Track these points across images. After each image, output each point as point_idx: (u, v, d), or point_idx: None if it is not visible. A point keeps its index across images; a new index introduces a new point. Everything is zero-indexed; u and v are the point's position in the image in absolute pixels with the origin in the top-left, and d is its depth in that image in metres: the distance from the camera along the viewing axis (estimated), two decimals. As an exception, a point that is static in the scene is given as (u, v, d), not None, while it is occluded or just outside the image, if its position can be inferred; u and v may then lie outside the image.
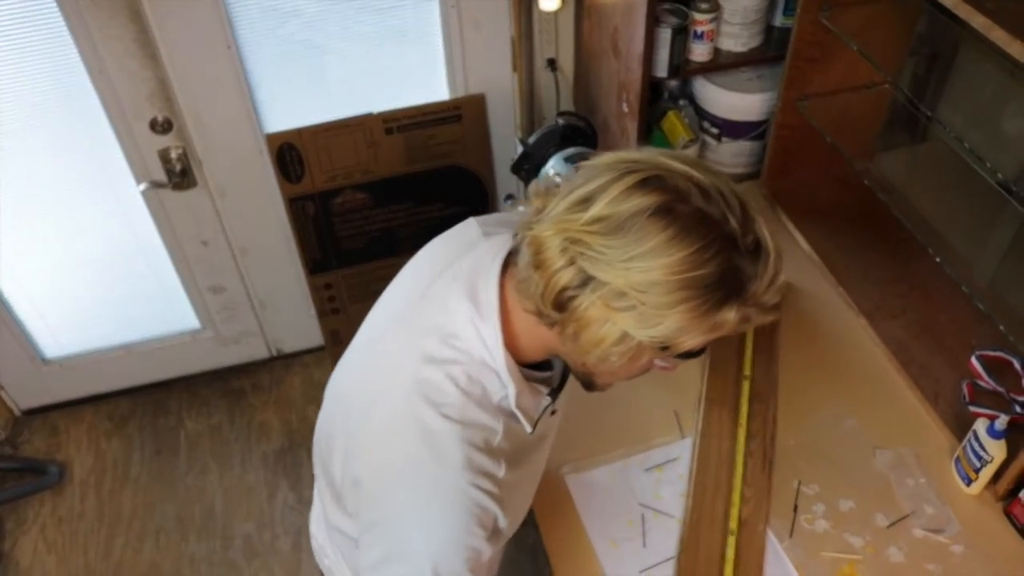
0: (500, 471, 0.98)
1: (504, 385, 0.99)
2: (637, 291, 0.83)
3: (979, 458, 1.43)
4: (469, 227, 1.16)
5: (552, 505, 1.49)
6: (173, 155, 2.27)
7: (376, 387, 1.05)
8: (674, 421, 1.61)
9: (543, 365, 1.06)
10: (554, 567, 1.42)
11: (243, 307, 2.71)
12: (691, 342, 0.88)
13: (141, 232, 2.46)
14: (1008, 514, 1.45)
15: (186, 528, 2.54)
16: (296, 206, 2.33)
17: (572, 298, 0.86)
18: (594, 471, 1.53)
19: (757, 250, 0.87)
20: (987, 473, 1.43)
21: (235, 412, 2.81)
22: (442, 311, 1.01)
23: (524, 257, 0.91)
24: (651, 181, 0.85)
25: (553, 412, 1.12)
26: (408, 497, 0.97)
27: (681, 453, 1.56)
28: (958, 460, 1.49)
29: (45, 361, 2.72)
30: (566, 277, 0.86)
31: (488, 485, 0.96)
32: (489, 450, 0.97)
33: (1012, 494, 1.44)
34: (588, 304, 0.85)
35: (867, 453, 1.55)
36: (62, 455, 2.74)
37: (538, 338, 0.97)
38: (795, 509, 1.47)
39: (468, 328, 0.98)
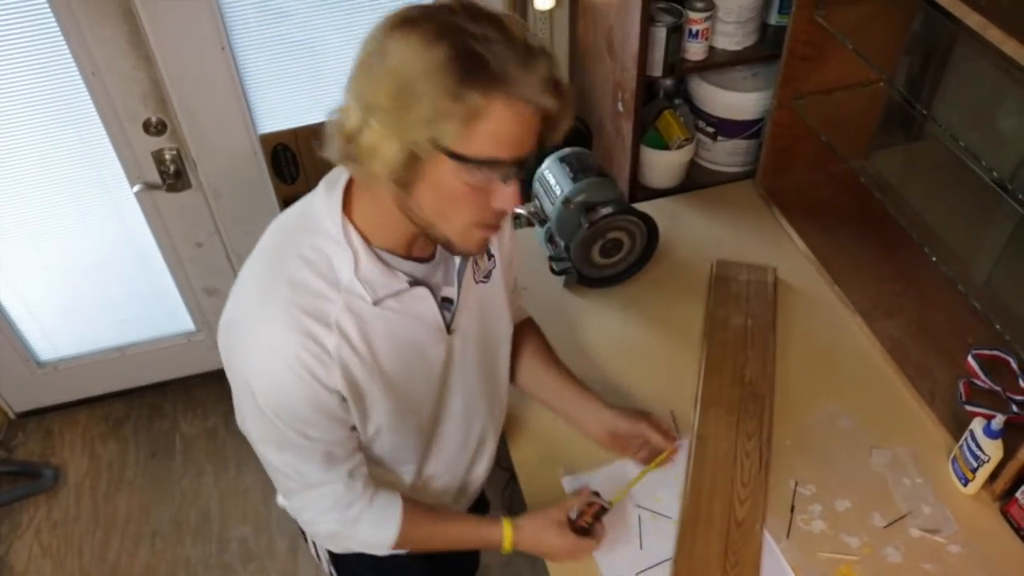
0: (329, 339, 1.04)
1: (353, 255, 1.05)
2: (391, 98, 0.90)
3: (976, 458, 1.42)
4: None
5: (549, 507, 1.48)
6: (167, 156, 2.27)
7: (248, 261, 1.13)
8: (671, 421, 1.61)
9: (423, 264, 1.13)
10: (550, 569, 1.41)
11: (238, 309, 2.68)
12: (462, 135, 0.90)
13: (135, 234, 2.45)
14: (1005, 514, 1.44)
15: (182, 531, 2.53)
16: (291, 207, 2.32)
17: (358, 134, 0.94)
18: (591, 473, 1.53)
19: (505, 40, 0.90)
20: (984, 473, 1.43)
21: (230, 414, 2.77)
22: (308, 199, 1.11)
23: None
24: (399, 12, 0.93)
25: (450, 331, 1.18)
26: (241, 348, 1.08)
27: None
28: (955, 460, 1.49)
29: (39, 364, 2.71)
30: (352, 119, 0.94)
31: (311, 346, 1.03)
32: (319, 316, 1.04)
33: (1009, 494, 1.44)
34: (368, 132, 0.93)
35: (864, 453, 1.55)
36: (57, 458, 2.73)
37: (388, 216, 1.04)
38: (792, 509, 1.47)
39: (320, 204, 1.07)
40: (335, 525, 1.22)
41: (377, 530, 1.23)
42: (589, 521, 1.33)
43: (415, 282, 1.10)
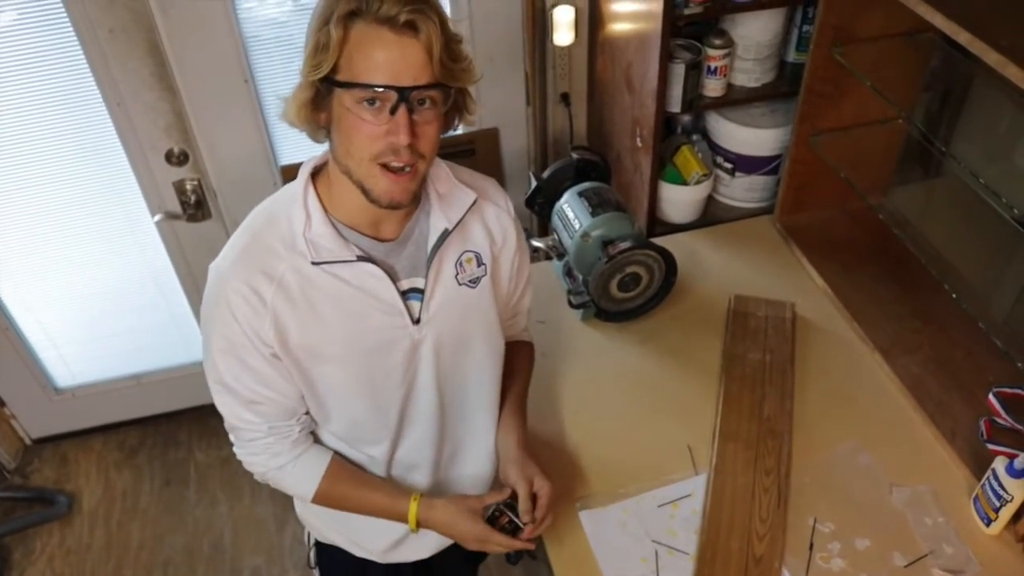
0: (267, 290, 1.14)
1: (307, 215, 1.15)
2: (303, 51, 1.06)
3: (999, 497, 1.41)
4: None
5: (565, 541, 1.47)
6: (188, 187, 2.29)
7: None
8: (688, 456, 1.60)
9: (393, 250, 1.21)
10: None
11: (255, 338, 2.69)
12: (338, 65, 1.02)
13: (155, 263, 2.48)
14: (1028, 554, 1.42)
15: (194, 560, 2.52)
16: (309, 238, 2.34)
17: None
18: (607, 507, 1.52)
19: None
20: (1007, 512, 1.41)
21: (245, 444, 2.79)
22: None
23: None
24: None
25: (417, 321, 1.23)
26: (206, 293, 1.20)
27: (695, 489, 1.54)
28: (977, 499, 1.47)
29: (57, 390, 2.72)
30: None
31: (250, 295, 1.14)
32: (265, 270, 1.14)
33: (1032, 534, 1.42)
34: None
35: (883, 491, 1.53)
36: (71, 485, 2.73)
37: (344, 188, 1.12)
38: (811, 547, 1.45)
39: (298, 179, 1.19)
40: (262, 468, 1.30)
41: (300, 483, 1.32)
42: (504, 526, 1.31)
43: (367, 258, 1.17)
